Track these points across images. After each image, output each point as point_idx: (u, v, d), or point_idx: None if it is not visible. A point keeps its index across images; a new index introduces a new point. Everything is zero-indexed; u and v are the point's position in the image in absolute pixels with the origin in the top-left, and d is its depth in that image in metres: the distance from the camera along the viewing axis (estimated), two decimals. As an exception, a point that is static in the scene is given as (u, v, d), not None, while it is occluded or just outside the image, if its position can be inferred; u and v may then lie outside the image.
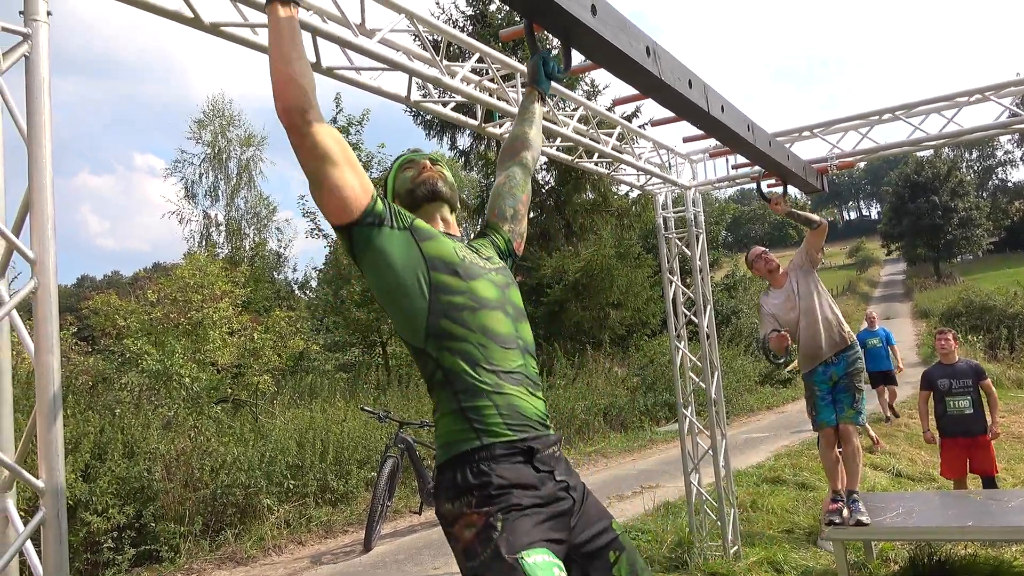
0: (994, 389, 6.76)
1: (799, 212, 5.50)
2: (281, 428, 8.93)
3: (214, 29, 2.62)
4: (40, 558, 1.90)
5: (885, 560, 5.72)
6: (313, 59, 3.04)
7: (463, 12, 18.14)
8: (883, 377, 12.41)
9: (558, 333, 16.55)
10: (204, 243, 33.18)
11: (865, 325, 12.81)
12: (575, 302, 16.59)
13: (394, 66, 3.21)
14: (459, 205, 2.31)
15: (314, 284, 25.71)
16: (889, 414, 12.83)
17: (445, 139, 18.38)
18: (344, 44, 2.96)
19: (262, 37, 2.80)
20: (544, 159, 16.02)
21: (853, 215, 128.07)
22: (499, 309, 1.91)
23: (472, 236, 2.25)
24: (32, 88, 1.92)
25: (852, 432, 5.20)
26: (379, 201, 1.88)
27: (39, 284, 1.88)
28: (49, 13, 1.94)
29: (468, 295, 1.85)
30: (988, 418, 6.52)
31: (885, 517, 5.27)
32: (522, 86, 3.99)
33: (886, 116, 5.46)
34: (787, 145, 5.73)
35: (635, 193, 18.35)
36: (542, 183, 18.44)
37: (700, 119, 3.42)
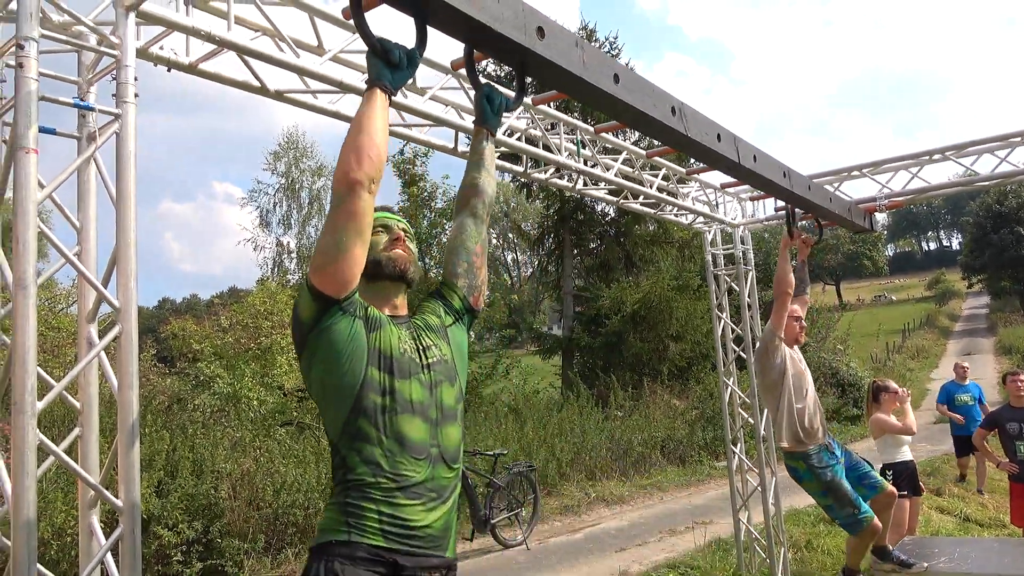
0: None
1: (805, 267, 5.21)
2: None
3: (279, 96, 2.93)
4: (117, 568, 2.18)
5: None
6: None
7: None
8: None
9: (616, 364, 16.55)
10: (276, 269, 34.57)
11: (953, 377, 11.00)
12: (634, 333, 16.58)
13: (441, 123, 3.47)
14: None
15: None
16: (982, 487, 10.42)
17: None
18: (397, 107, 3.23)
19: (321, 100, 3.10)
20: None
21: (932, 245, 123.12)
22: (420, 415, 1.87)
23: (423, 298, 2.20)
24: (121, 160, 2.24)
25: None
26: (356, 291, 1.87)
27: (122, 330, 2.18)
28: (136, 95, 2.26)
29: (393, 395, 1.83)
30: None
31: (939, 561, 5.16)
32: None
33: (936, 156, 5.45)
34: (835, 185, 5.78)
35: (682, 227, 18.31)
36: (602, 214, 18.57)
37: (732, 170, 3.55)
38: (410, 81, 3.37)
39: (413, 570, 1.76)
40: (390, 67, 1.89)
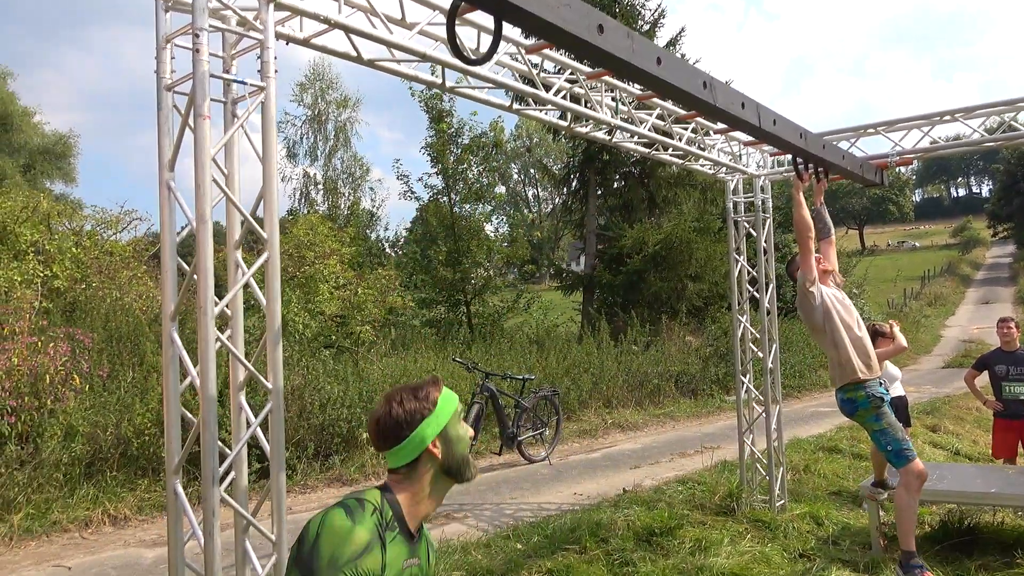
0: None
1: (824, 210, 5.37)
2: (379, 372, 10.11)
3: (371, 64, 3.50)
4: (267, 439, 2.90)
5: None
6: (440, 81, 3.89)
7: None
8: None
9: (635, 302, 17.18)
10: (304, 200, 35.26)
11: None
12: (654, 272, 17.15)
13: (501, 86, 4.02)
14: None
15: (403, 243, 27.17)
16: None
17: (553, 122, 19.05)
18: (463, 71, 3.78)
19: (403, 66, 3.65)
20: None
21: (961, 192, 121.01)
22: None
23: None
24: (266, 122, 2.84)
25: None
26: None
27: (269, 256, 2.83)
28: (276, 71, 2.84)
29: None
30: None
31: (917, 482, 5.86)
32: (607, 90, 4.72)
33: (946, 118, 5.90)
34: (852, 141, 6.25)
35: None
36: (627, 155, 18.86)
37: (755, 132, 4.08)
38: (399, 17, 3.52)
39: None
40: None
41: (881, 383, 4.92)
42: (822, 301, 4.81)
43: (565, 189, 20.33)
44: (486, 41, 3.91)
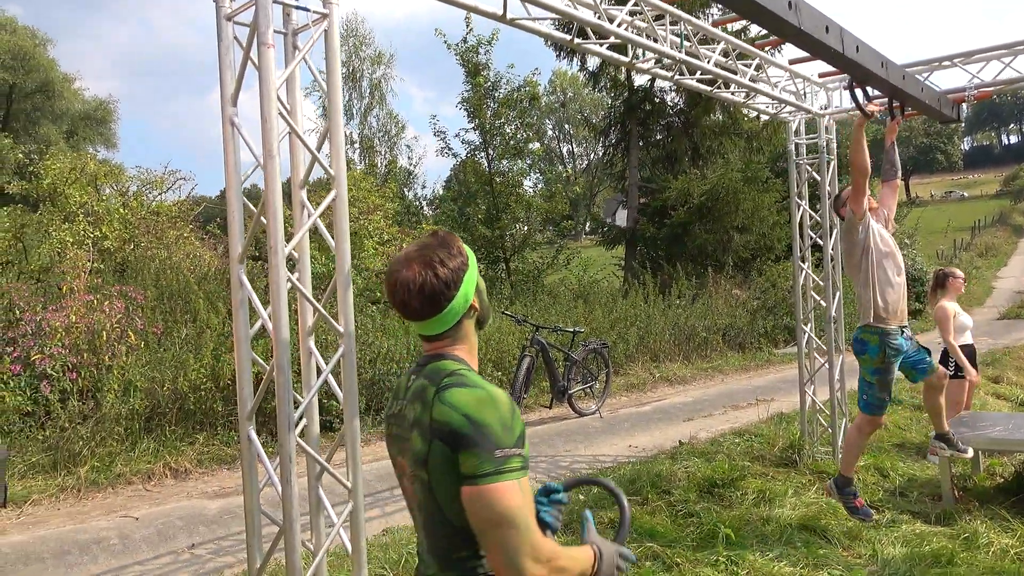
0: None
1: (894, 149, 5.07)
2: (427, 327, 10.08)
3: (512, 22, 3.38)
4: (339, 386, 2.81)
5: (992, 474, 6.09)
6: (499, 11, 3.69)
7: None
8: None
9: (679, 255, 16.87)
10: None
11: None
12: (699, 224, 16.78)
13: (564, 15, 3.80)
14: None
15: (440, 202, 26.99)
16: None
17: (575, 60, 18.54)
18: (527, -1, 3.58)
19: (541, 25, 3.55)
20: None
21: (1013, 139, 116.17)
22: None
23: None
24: (330, 52, 2.68)
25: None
26: None
27: (337, 194, 2.70)
28: (339, -3, 2.69)
29: None
30: None
31: (991, 431, 5.65)
32: (672, 24, 4.47)
33: (1032, 45, 5.49)
34: (926, 74, 5.88)
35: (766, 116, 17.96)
36: (671, 103, 18.36)
37: (836, 60, 3.82)
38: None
39: None
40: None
41: (903, 332, 4.78)
42: (865, 237, 4.70)
43: (605, 141, 19.88)
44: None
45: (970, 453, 5.42)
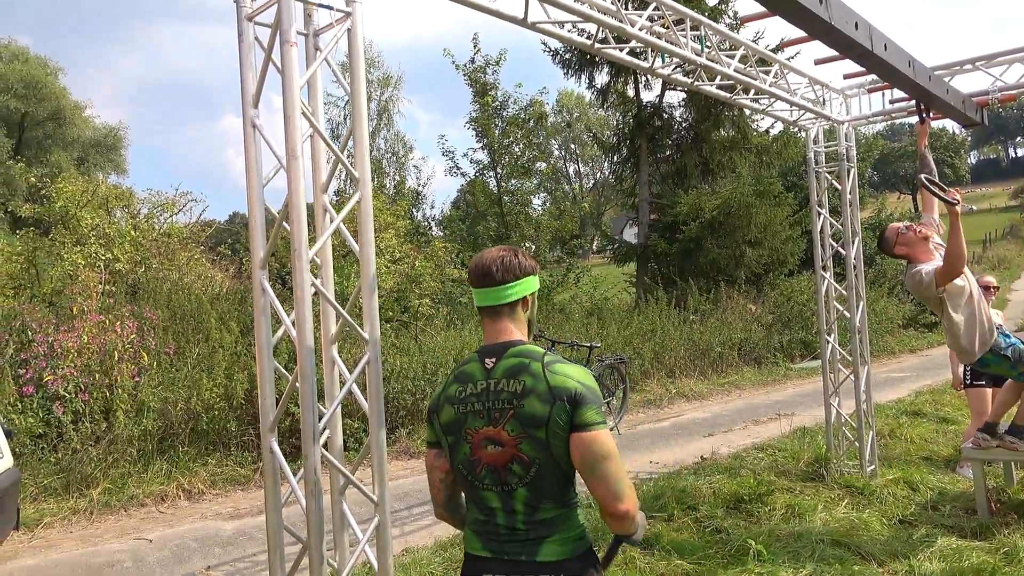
0: None
1: (929, 153, 4.93)
2: (440, 345, 9.97)
3: (533, 26, 3.33)
4: (364, 396, 2.71)
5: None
6: (520, 15, 3.63)
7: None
8: None
9: (691, 270, 16.73)
10: (349, 180, 35.36)
11: None
12: (711, 239, 16.64)
13: (585, 18, 3.73)
14: None
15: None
16: None
17: (583, 77, 18.55)
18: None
19: (563, 30, 3.53)
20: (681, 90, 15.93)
21: (1020, 152, 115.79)
22: None
23: None
24: (353, 51, 2.62)
25: None
26: None
27: (362, 196, 2.62)
28: (362, -5, 2.62)
29: None
30: None
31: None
32: (692, 30, 4.40)
33: (1056, 47, 5.41)
34: (947, 78, 5.79)
35: (776, 130, 17.90)
36: (680, 119, 18.33)
37: (865, 58, 3.73)
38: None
39: None
40: None
41: (996, 331, 4.72)
42: (965, 285, 4.59)
43: (615, 158, 19.82)
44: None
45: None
